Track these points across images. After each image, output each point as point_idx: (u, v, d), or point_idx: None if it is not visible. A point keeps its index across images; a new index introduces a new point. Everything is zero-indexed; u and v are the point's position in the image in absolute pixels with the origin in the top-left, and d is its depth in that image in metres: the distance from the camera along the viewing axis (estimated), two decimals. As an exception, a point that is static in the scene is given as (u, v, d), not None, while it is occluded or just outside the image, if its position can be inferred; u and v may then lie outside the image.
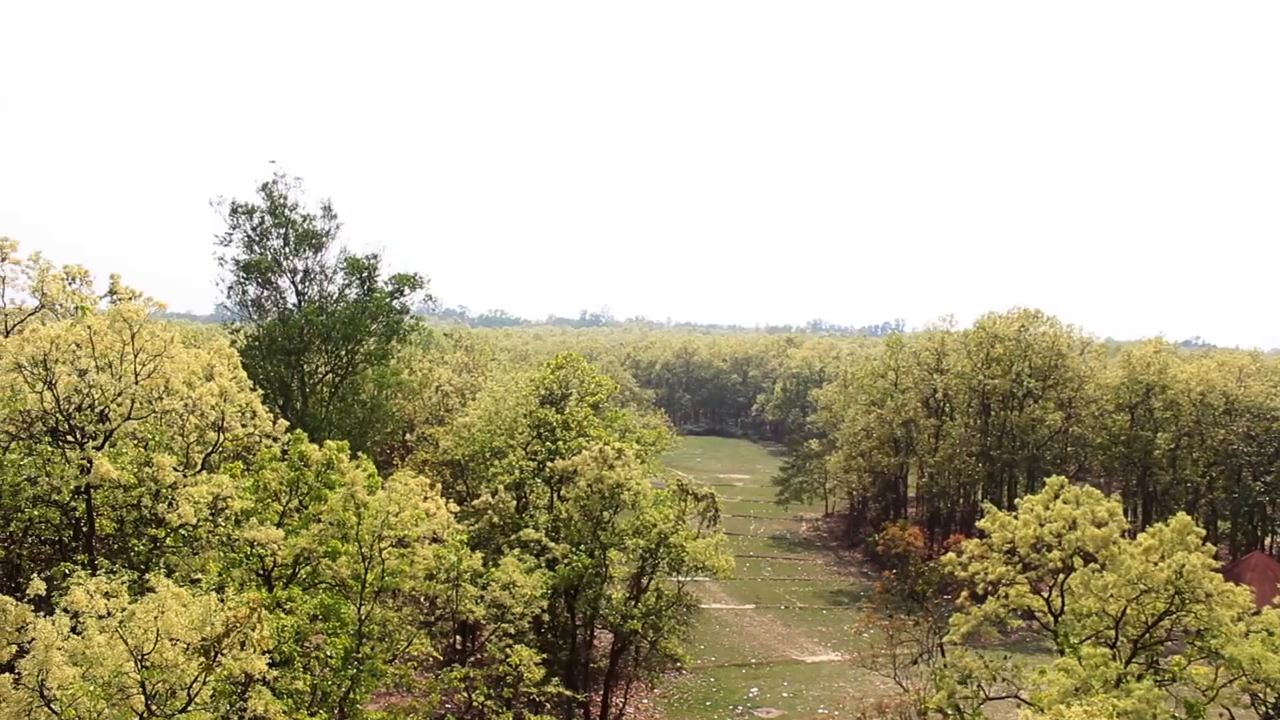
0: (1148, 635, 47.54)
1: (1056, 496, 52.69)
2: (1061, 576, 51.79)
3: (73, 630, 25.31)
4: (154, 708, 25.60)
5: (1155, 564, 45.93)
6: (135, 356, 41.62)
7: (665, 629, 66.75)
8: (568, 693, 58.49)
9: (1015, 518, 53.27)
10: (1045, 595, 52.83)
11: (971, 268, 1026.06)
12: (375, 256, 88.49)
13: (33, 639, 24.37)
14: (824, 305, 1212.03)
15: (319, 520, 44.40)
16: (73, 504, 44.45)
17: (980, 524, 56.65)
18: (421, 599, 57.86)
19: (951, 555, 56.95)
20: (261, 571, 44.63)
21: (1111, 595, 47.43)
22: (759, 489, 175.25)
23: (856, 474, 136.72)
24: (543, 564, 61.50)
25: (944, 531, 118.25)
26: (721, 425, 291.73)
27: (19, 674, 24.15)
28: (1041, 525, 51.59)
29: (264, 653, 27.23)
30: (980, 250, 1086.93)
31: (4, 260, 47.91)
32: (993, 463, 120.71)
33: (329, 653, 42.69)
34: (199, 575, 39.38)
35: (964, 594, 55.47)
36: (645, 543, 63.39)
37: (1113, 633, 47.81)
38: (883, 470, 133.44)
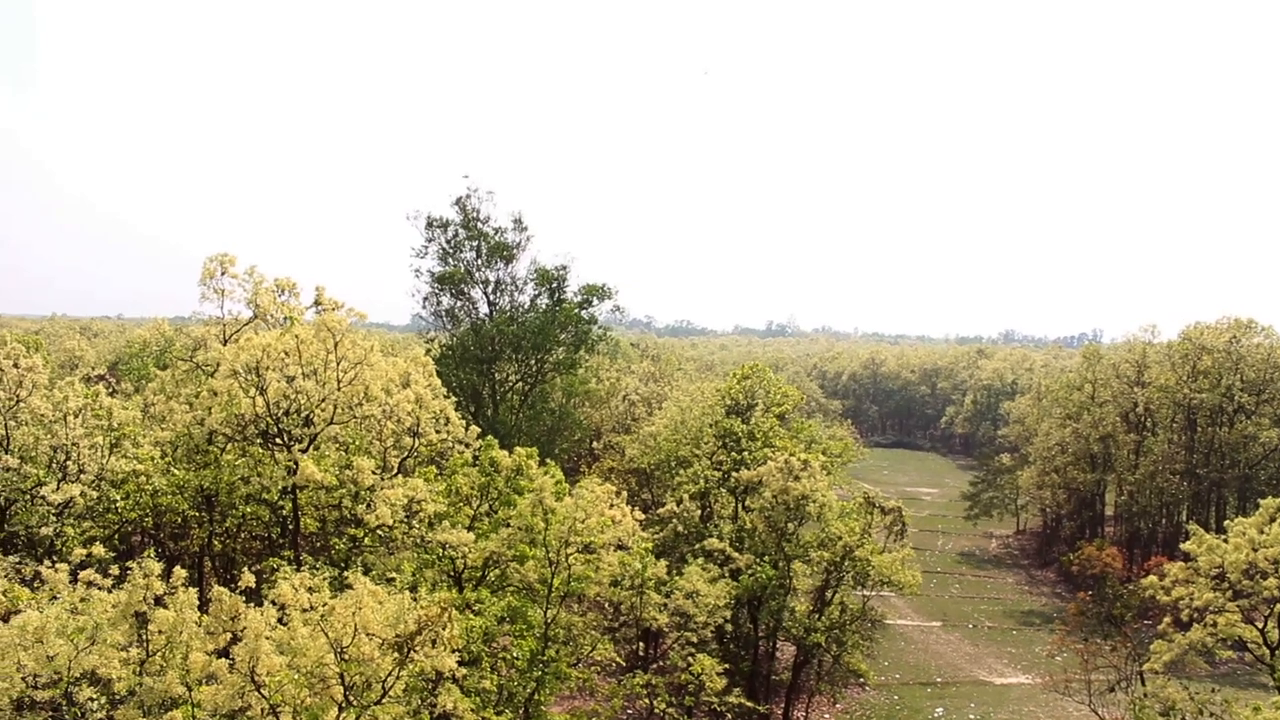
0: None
1: (1273, 520, 49.72)
2: (1279, 606, 48.74)
3: (279, 621, 26.72)
4: (351, 698, 26.77)
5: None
6: (338, 364, 43.68)
7: (849, 644, 65.75)
8: (749, 704, 58.31)
9: (1225, 541, 50.47)
10: (1260, 626, 49.64)
11: (1175, 276, 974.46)
12: (564, 267, 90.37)
13: (244, 628, 25.81)
14: (1016, 315, 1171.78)
15: (508, 525, 45.42)
16: (280, 503, 47.01)
17: (1185, 546, 53.92)
18: (606, 605, 58.69)
19: (1153, 578, 54.34)
20: (452, 573, 45.96)
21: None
22: (947, 503, 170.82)
23: (1050, 490, 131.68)
24: (726, 574, 61.49)
25: (1144, 553, 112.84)
26: (909, 438, 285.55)
27: (233, 659, 25.63)
28: (1255, 550, 48.74)
29: (454, 651, 28.07)
30: (1185, 257, 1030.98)
31: (224, 274, 50.96)
32: (1199, 482, 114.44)
33: (515, 654, 43.61)
34: (394, 574, 40.88)
35: (1166, 620, 52.76)
36: (830, 555, 62.68)
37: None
38: (1078, 487, 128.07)
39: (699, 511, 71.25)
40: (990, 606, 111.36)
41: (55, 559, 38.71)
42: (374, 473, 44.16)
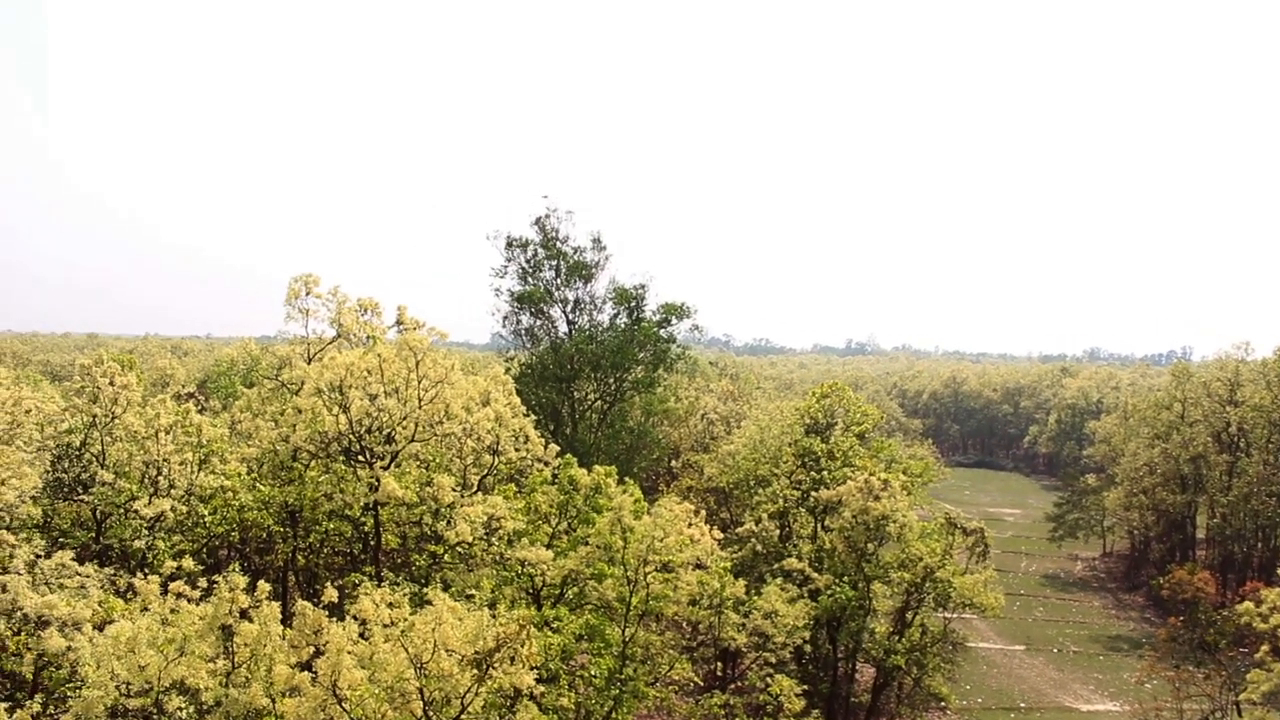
0: None
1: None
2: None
3: (361, 636, 27.07)
4: (431, 713, 26.99)
5: None
6: (419, 383, 44.22)
7: (930, 666, 64.72)
8: (828, 726, 57.62)
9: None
10: (1366, 656, 47.98)
11: (1269, 292, 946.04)
12: (643, 286, 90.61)
13: (327, 642, 26.20)
14: (1102, 332, 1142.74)
15: (586, 543, 45.52)
16: (362, 519, 47.68)
17: (1283, 571, 52.28)
18: (684, 624, 58.48)
19: (1249, 604, 52.72)
20: (531, 590, 46.17)
21: None
22: (1031, 525, 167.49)
23: (1138, 512, 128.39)
24: (805, 594, 60.95)
25: (1239, 578, 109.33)
26: (991, 457, 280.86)
27: (315, 673, 26.02)
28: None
29: (532, 668, 28.18)
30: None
31: (308, 294, 51.88)
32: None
33: (593, 672, 43.61)
34: (473, 591, 41.23)
35: (1264, 648, 51.10)
36: (911, 576, 61.85)
37: None
38: (1167, 509, 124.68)
39: (778, 531, 70.76)
40: (1076, 630, 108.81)
41: (147, 571, 39.76)
42: (454, 490, 44.60)
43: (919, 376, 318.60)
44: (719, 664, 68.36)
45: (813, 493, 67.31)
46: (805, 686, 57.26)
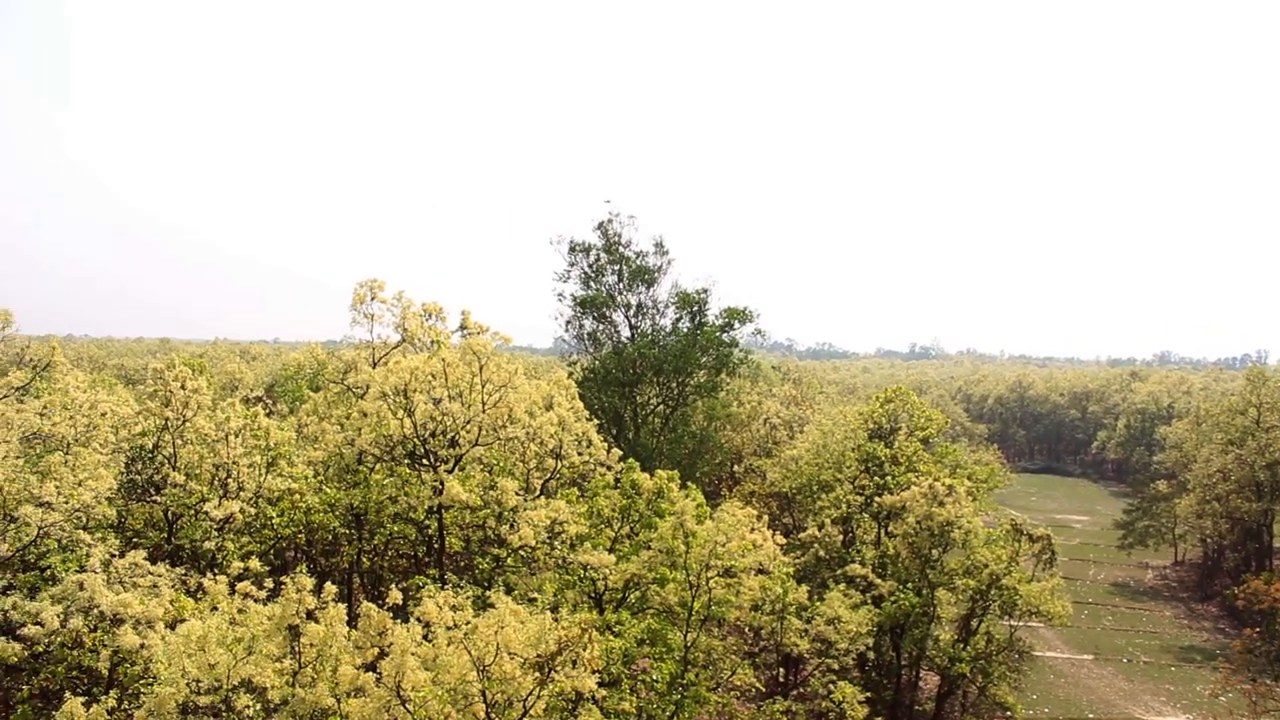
0: None
1: None
2: None
3: (424, 638, 27.31)
4: (493, 715, 27.14)
5: None
6: (483, 387, 44.52)
7: (995, 675, 63.79)
8: (893, 734, 57.07)
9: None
10: None
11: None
12: (705, 291, 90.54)
13: (391, 644, 26.48)
14: (1172, 336, 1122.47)
15: (649, 547, 45.53)
16: (426, 522, 48.11)
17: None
18: (746, 629, 58.21)
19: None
20: (593, 594, 46.26)
21: None
22: (1099, 532, 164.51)
23: (1211, 520, 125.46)
24: (868, 600, 60.46)
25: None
26: (1058, 463, 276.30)
27: (379, 674, 26.30)
28: None
29: (594, 672, 28.21)
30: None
31: (373, 299, 52.52)
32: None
33: (655, 677, 43.57)
34: (536, 594, 41.38)
35: (1344, 660, 49.81)
36: (976, 583, 61.10)
37: None
38: (1242, 517, 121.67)
39: (841, 536, 70.27)
40: (1146, 640, 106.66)
41: (216, 571, 40.45)
42: (517, 494, 44.82)
43: (984, 381, 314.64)
44: (781, 670, 68.02)
45: (876, 498, 66.76)
46: (868, 694, 56.73)
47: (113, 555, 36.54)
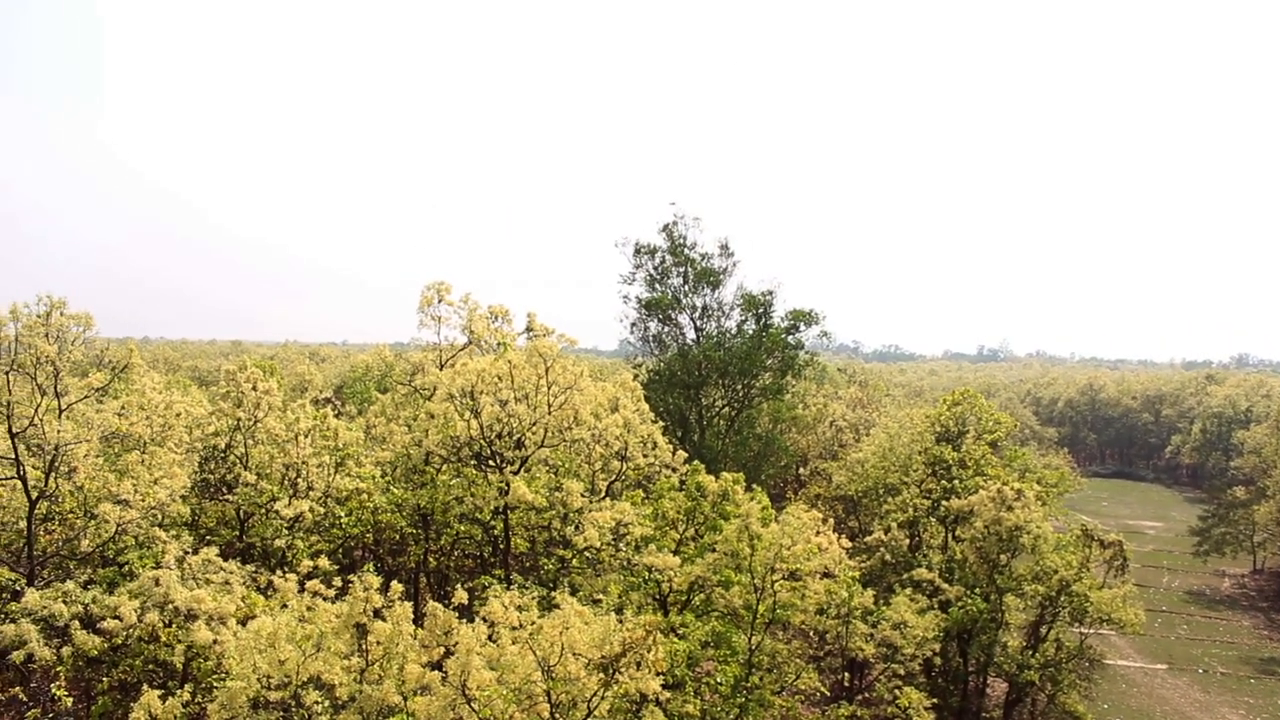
0: None
1: None
2: None
3: (489, 638, 27.50)
4: (557, 716, 27.24)
5: None
6: (549, 389, 44.75)
7: (1065, 683, 62.70)
8: (960, 741, 56.37)
9: None
10: None
11: None
12: (770, 293, 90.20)
13: (457, 643, 26.69)
14: (1250, 338, 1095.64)
15: (714, 550, 45.41)
16: (492, 523, 48.49)
17: None
18: (811, 633, 57.86)
19: None
20: (658, 596, 46.26)
21: None
22: (1173, 538, 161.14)
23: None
24: (935, 605, 59.78)
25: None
26: (1130, 467, 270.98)
27: (445, 673, 26.53)
28: None
29: (658, 674, 28.19)
30: None
31: (440, 302, 53.03)
32: None
33: (719, 679, 43.48)
34: (600, 596, 41.50)
35: None
36: (1045, 589, 60.15)
37: None
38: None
39: (907, 541, 69.60)
40: (1223, 651, 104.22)
41: (286, 569, 41.11)
42: (583, 495, 44.99)
43: (1054, 384, 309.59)
44: (846, 674, 67.50)
45: (943, 502, 66.02)
46: (935, 700, 56.11)
47: (187, 552, 37.31)
